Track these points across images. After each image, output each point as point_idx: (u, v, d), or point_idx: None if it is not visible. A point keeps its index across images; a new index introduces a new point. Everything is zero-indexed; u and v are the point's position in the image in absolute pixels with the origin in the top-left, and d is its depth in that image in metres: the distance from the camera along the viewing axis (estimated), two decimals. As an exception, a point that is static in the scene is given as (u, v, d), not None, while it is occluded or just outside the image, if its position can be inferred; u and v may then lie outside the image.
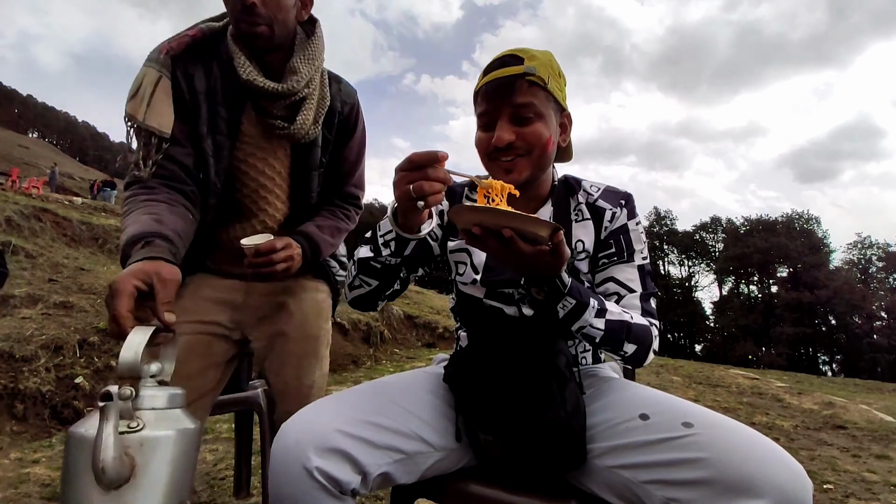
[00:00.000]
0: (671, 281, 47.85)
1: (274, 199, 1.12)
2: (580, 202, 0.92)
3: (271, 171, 1.10)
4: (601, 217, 0.90)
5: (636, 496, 0.69)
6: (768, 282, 43.51)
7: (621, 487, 0.71)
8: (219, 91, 1.02)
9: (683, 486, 0.64)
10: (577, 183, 0.95)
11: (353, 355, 5.48)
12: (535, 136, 0.81)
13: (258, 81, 1.00)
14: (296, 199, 1.15)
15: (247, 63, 1.00)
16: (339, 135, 1.17)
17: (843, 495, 2.35)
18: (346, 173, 1.22)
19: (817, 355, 38.14)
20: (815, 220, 44.11)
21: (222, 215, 1.08)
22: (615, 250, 0.88)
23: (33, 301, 3.66)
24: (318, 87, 1.09)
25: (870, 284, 38.83)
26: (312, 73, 1.06)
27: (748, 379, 6.46)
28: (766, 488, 0.58)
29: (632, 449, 0.70)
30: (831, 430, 3.84)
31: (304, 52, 1.07)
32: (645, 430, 0.71)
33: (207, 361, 1.05)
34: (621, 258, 0.88)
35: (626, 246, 0.88)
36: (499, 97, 0.81)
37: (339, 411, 0.74)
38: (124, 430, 0.53)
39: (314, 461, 0.66)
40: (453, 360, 0.86)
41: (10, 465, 2.12)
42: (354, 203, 1.26)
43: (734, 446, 0.63)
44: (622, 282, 0.86)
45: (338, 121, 1.15)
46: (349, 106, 1.18)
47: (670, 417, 0.70)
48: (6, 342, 2.93)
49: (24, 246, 4.78)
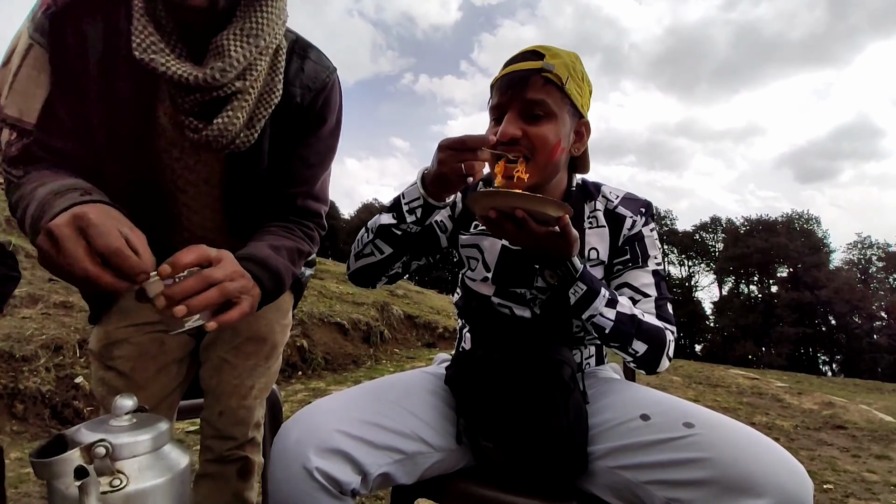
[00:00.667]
0: (671, 281, 47.77)
1: (201, 207, 0.87)
2: (596, 209, 0.90)
3: (192, 175, 0.83)
4: (620, 224, 0.88)
5: (637, 497, 0.69)
6: (768, 282, 43.50)
7: (622, 488, 0.71)
8: (122, 60, 0.71)
9: (685, 486, 0.64)
10: (597, 189, 0.93)
11: (353, 355, 5.48)
12: (540, 138, 0.78)
13: (157, 62, 0.67)
14: (232, 212, 0.88)
15: (147, 30, 0.67)
16: (296, 129, 0.86)
17: (843, 495, 2.35)
18: (303, 180, 0.91)
19: (817, 355, 38.11)
20: (815, 220, 44.09)
21: (137, 222, 0.67)
22: (630, 256, 0.88)
23: (33, 301, 3.67)
24: (262, 74, 0.76)
25: (870, 284, 38.81)
26: (252, 58, 0.72)
27: (748, 379, 6.46)
28: (767, 488, 0.58)
29: (633, 450, 0.70)
30: (831, 430, 3.84)
31: (244, 23, 0.71)
32: (646, 431, 0.71)
33: (163, 361, 0.95)
34: (636, 264, 0.87)
35: (642, 252, 0.88)
36: (511, 90, 0.79)
37: (340, 412, 0.74)
38: (106, 491, 0.46)
39: (314, 461, 0.66)
40: (455, 362, 0.86)
41: (10, 465, 2.11)
42: (316, 220, 0.97)
43: (735, 446, 0.63)
44: (637, 287, 0.85)
45: (295, 111, 0.84)
46: (314, 93, 0.85)
47: (671, 418, 0.70)
48: (6, 342, 2.92)
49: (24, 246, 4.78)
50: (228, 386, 0.99)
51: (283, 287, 0.82)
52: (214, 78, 0.69)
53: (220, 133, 0.73)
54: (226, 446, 1.00)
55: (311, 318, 5.29)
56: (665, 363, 0.80)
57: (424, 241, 0.95)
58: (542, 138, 0.79)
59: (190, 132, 0.73)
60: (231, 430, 1.00)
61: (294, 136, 0.87)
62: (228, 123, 0.73)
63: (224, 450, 1.00)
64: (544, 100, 0.78)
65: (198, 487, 1.02)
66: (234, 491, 1.01)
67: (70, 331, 3.30)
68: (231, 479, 1.01)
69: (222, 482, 1.01)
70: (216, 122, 0.73)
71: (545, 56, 0.80)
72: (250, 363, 1.01)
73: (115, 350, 0.92)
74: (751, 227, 45.54)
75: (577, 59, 0.84)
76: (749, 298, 43.54)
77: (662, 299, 0.85)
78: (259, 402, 1.05)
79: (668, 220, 50.18)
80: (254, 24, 0.71)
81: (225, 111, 0.73)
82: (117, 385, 0.92)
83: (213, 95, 0.72)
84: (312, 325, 5.21)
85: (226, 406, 0.99)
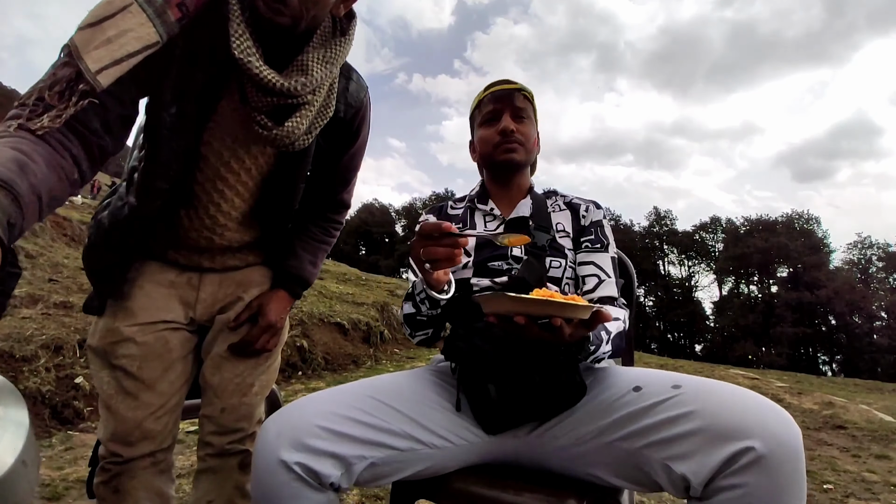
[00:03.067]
0: (671, 281, 47.85)
1: (233, 196, 0.95)
2: (556, 201, 1.13)
3: (238, 166, 0.92)
4: (577, 210, 1.10)
5: (637, 468, 0.71)
6: (768, 282, 43.51)
7: (622, 462, 0.73)
8: (202, 51, 0.79)
9: (677, 441, 0.66)
10: (553, 191, 1.17)
11: (353, 355, 5.48)
12: (528, 133, 1.09)
13: (253, 65, 0.76)
14: (263, 202, 0.98)
15: (245, 35, 0.76)
16: (337, 142, 0.99)
17: (843, 495, 2.35)
18: (342, 181, 1.08)
19: (817, 355, 38.13)
20: (815, 220, 44.13)
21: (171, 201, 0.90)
22: (595, 237, 1.05)
23: (33, 301, 3.67)
24: (325, 93, 0.89)
25: (870, 284, 38.83)
26: (325, 80, 0.85)
27: (748, 379, 6.47)
28: (755, 430, 0.61)
29: (627, 420, 0.73)
30: (831, 430, 3.84)
31: (325, 50, 0.85)
32: (638, 400, 0.73)
33: (168, 359, 0.96)
34: (602, 247, 1.04)
35: (603, 237, 1.05)
36: (503, 101, 1.08)
37: (322, 407, 0.75)
38: None
39: (292, 455, 0.68)
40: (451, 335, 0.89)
41: (10, 465, 2.11)
42: (342, 214, 1.16)
43: (721, 397, 0.67)
44: (602, 267, 1.01)
45: (338, 124, 0.96)
46: (354, 110, 0.98)
47: (660, 384, 0.74)
48: (6, 342, 2.93)
49: (24, 246, 4.79)
50: (230, 384, 1.01)
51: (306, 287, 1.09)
52: (296, 89, 0.80)
53: (287, 134, 0.83)
54: (227, 440, 1.02)
55: (311, 318, 5.30)
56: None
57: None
58: (527, 132, 1.09)
59: (259, 128, 0.83)
60: (234, 425, 1.02)
61: (334, 145, 0.99)
62: (295, 128, 0.84)
63: (226, 443, 1.01)
64: (525, 108, 1.09)
65: (198, 483, 1.03)
66: (236, 483, 1.02)
67: (70, 331, 3.30)
68: (233, 472, 1.02)
69: (224, 475, 1.02)
70: (287, 124, 0.83)
71: (517, 84, 1.10)
72: (251, 361, 1.03)
73: (120, 349, 0.92)
74: (751, 227, 45.58)
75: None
76: (749, 298, 43.55)
77: (618, 280, 1.02)
78: (260, 399, 1.07)
79: (669, 220, 50.24)
80: (332, 53, 0.86)
81: (294, 117, 0.84)
82: (126, 385, 0.92)
83: (287, 102, 0.82)
84: (312, 325, 5.21)
85: (227, 403, 1.00)
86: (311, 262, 1.09)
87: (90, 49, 0.67)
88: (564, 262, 1.00)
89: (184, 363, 1.00)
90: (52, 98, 0.66)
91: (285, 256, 1.08)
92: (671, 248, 49.43)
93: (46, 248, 5.39)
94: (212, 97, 0.84)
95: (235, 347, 1.00)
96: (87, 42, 0.67)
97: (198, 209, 0.94)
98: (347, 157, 1.04)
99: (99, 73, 0.67)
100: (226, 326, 1.02)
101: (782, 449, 0.59)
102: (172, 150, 0.84)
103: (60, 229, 6.32)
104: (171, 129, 0.82)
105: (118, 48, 0.68)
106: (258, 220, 1.01)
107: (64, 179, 0.67)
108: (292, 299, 1.09)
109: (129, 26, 0.69)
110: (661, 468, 0.67)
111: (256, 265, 1.07)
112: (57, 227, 6.29)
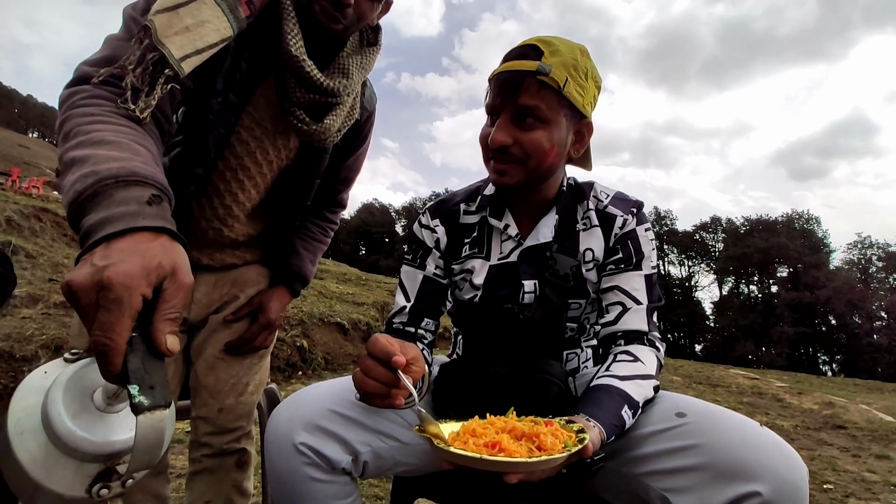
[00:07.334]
0: (671, 281, 47.76)
1: (251, 187, 0.97)
2: (589, 209, 0.87)
3: (262, 157, 0.94)
4: (611, 224, 0.86)
5: (634, 492, 0.69)
6: (768, 282, 43.49)
7: (619, 485, 0.71)
8: (247, 43, 0.82)
9: (679, 473, 0.64)
10: (589, 187, 0.90)
11: (353, 355, 5.47)
12: (532, 145, 0.76)
13: (306, 63, 0.81)
14: (276, 193, 1.01)
15: (298, 35, 0.81)
16: (348, 143, 1.05)
17: (843, 495, 2.35)
18: (344, 180, 1.14)
19: (817, 355, 38.11)
20: (814, 220, 44.12)
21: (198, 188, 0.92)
22: (622, 256, 0.84)
23: (33, 301, 3.66)
24: (354, 96, 0.96)
25: (870, 284, 38.81)
26: (359, 84, 0.94)
27: (748, 379, 6.46)
28: (761, 472, 0.58)
29: (627, 444, 0.70)
30: (831, 430, 3.84)
31: (361, 57, 0.93)
32: (639, 425, 0.71)
33: None
34: (628, 265, 0.83)
35: (635, 252, 0.84)
36: (504, 95, 0.76)
37: (332, 393, 0.75)
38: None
39: (302, 437, 0.68)
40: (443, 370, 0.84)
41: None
42: (337, 214, 1.21)
43: (727, 432, 0.63)
44: (628, 291, 0.82)
45: (353, 128, 1.02)
46: (367, 114, 1.05)
47: (663, 409, 0.71)
48: (6, 342, 2.92)
49: (24, 246, 4.78)
50: (226, 384, 1.01)
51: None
52: (338, 89, 0.87)
53: (324, 131, 0.90)
54: (226, 440, 1.02)
55: (311, 318, 5.29)
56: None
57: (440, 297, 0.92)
58: (534, 144, 0.76)
59: (297, 122, 0.88)
60: (232, 424, 1.02)
61: (346, 145, 1.05)
62: (331, 125, 0.90)
63: (223, 443, 1.02)
64: (537, 105, 0.74)
65: (192, 484, 1.03)
66: (233, 482, 1.03)
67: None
68: (230, 471, 1.03)
69: (221, 475, 1.02)
70: (326, 121, 0.89)
71: (544, 53, 0.74)
72: (246, 361, 1.04)
73: None
74: (751, 227, 45.56)
75: (581, 54, 0.78)
76: (749, 298, 43.54)
77: (652, 307, 0.82)
78: (256, 398, 1.08)
79: (668, 220, 50.21)
80: (367, 60, 0.94)
81: (331, 115, 0.90)
82: None
83: (325, 100, 0.88)
84: (312, 325, 5.21)
85: (224, 403, 1.01)
86: (311, 261, 1.13)
87: (171, 34, 0.66)
88: (584, 303, 0.85)
89: (175, 364, 1.00)
90: (137, 79, 0.65)
91: (287, 254, 1.10)
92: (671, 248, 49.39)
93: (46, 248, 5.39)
94: (251, 89, 0.87)
95: (233, 347, 1.00)
96: (167, 27, 0.66)
97: (212, 199, 0.95)
98: (353, 158, 1.10)
99: (183, 60, 0.67)
100: (222, 321, 1.02)
101: (789, 494, 0.57)
102: (214, 136, 0.86)
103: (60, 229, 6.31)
104: (217, 116, 0.85)
105: (199, 38, 0.69)
106: (267, 214, 1.03)
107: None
108: (291, 297, 1.10)
109: (206, 17, 0.70)
110: (659, 499, 0.65)
111: (252, 263, 1.08)
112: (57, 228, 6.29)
